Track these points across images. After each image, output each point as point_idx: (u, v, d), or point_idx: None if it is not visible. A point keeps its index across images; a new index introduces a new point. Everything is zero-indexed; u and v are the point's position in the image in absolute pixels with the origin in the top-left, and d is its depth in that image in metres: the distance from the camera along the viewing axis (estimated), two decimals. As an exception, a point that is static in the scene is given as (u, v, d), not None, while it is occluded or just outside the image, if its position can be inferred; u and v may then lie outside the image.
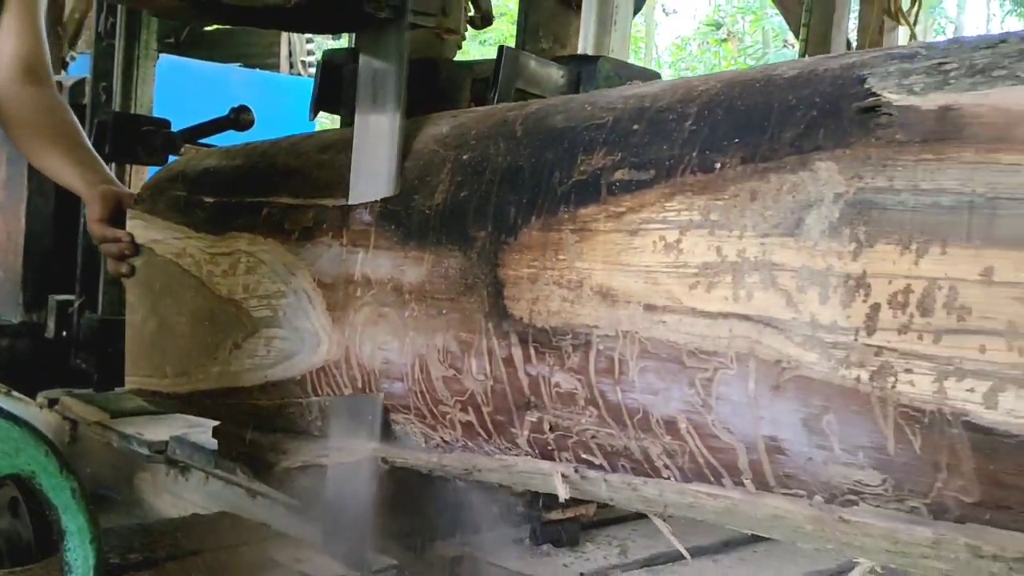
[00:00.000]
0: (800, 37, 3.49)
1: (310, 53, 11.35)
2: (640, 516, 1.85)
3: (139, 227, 1.79)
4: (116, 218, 1.81)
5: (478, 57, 1.95)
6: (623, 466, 1.20)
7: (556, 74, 1.60)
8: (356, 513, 1.57)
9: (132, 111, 2.74)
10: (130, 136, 2.64)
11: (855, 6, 4.17)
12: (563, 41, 1.86)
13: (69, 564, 1.08)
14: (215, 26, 6.43)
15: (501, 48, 1.55)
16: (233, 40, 7.31)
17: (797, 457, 1.02)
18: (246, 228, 1.60)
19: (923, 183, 0.91)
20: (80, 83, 2.86)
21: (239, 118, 2.72)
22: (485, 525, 1.73)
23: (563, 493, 1.25)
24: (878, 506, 0.99)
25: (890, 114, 0.94)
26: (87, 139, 1.91)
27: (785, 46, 17.37)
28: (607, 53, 1.77)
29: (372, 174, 1.43)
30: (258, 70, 7.25)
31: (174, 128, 2.75)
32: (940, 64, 0.93)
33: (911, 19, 4.01)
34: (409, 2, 1.44)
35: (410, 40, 1.60)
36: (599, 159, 1.17)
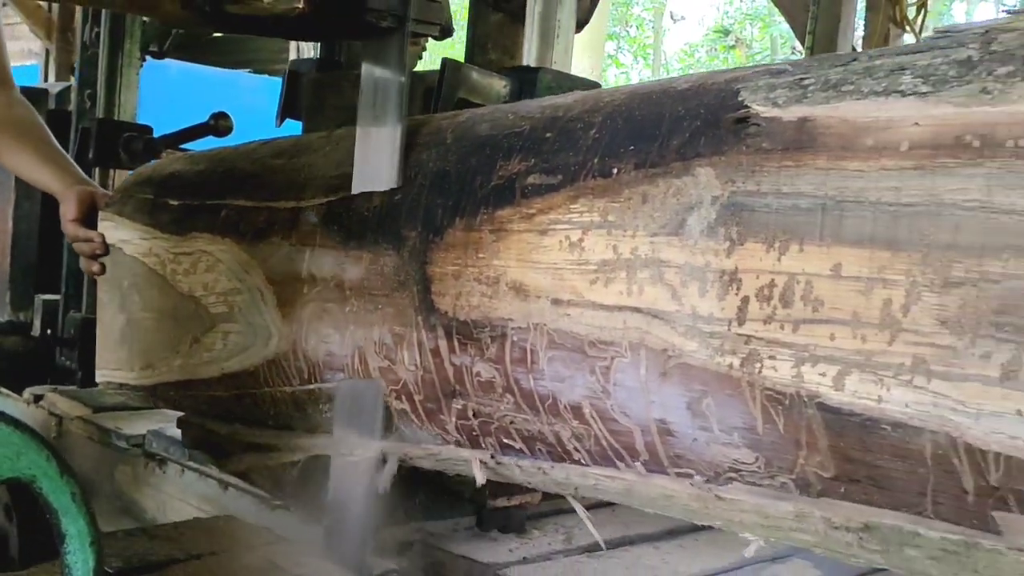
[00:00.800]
0: (806, 45, 3.57)
1: (321, 58, 11.44)
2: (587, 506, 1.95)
3: (109, 228, 1.89)
4: (90, 217, 1.91)
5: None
6: (540, 450, 1.29)
7: (498, 84, 1.69)
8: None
9: (116, 117, 2.85)
10: (113, 141, 2.75)
11: (862, 14, 4.22)
12: (511, 53, 1.96)
13: (69, 567, 1.08)
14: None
15: (444, 60, 1.64)
16: (242, 46, 7.42)
17: (684, 438, 1.11)
18: (206, 229, 1.70)
19: (784, 187, 1.00)
20: (66, 90, 2.97)
21: (218, 124, 2.82)
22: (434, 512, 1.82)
23: (480, 478, 1.35)
24: (754, 483, 1.08)
25: (758, 124, 1.03)
26: (54, 139, 2.00)
27: (793, 52, 17.44)
28: (549, 65, 1.87)
29: (374, 178, 1.48)
30: (267, 76, 7.36)
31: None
32: (801, 79, 1.03)
33: (917, 27, 4.08)
34: (411, 11, 1.47)
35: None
36: (515, 165, 1.26)
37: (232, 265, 1.64)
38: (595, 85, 1.74)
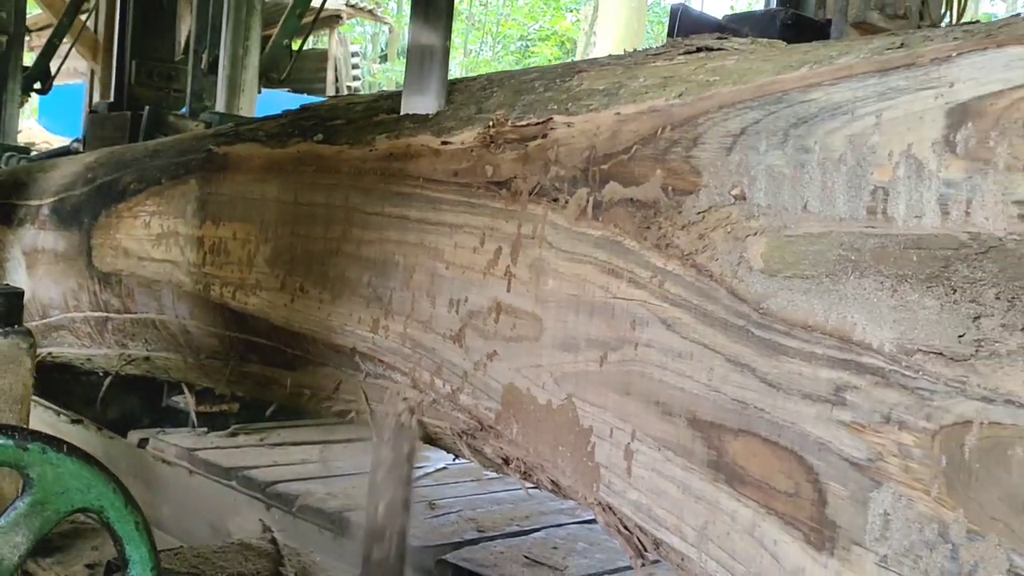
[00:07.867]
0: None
1: (355, 79, 12.07)
2: (290, 417, 2.76)
3: (-55, 220, 2.72)
4: None
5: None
6: (147, 346, 2.12)
7: (191, 124, 2.52)
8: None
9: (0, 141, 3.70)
10: (-5, 158, 3.60)
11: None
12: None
13: None
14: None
15: (147, 107, 2.47)
16: (298, 76, 8.46)
17: (197, 335, 1.93)
18: (-6, 220, 2.54)
19: (215, 190, 1.82)
20: (-39, 117, 3.82)
21: (77, 148, 3.66)
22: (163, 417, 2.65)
23: (127, 372, 2.17)
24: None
25: (214, 156, 1.85)
26: None
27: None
28: (236, 111, 2.69)
29: None
30: (305, 94, 8.33)
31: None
32: (237, 133, 1.85)
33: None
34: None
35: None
36: (128, 177, 2.09)
37: (4, 244, 2.47)
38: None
